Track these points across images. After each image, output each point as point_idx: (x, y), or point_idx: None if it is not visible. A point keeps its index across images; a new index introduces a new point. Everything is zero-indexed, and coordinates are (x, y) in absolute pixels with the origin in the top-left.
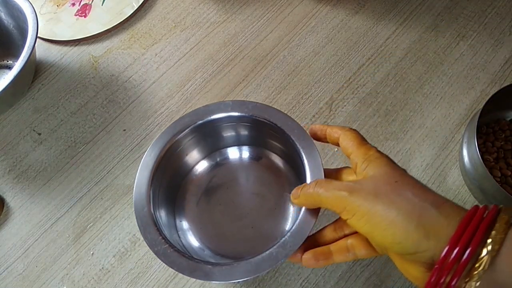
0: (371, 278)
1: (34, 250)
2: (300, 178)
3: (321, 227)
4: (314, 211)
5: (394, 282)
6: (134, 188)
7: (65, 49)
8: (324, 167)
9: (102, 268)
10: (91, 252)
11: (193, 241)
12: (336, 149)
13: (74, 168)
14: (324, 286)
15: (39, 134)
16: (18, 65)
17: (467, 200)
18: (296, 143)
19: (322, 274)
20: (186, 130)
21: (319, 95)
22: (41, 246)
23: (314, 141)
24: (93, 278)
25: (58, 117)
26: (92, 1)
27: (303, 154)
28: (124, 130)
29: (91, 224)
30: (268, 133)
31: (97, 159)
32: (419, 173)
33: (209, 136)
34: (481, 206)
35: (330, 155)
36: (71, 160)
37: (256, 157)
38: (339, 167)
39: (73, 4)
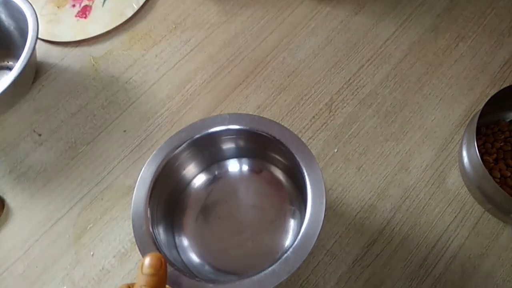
0: (371, 279)
1: (34, 251)
2: (300, 190)
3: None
4: (316, 226)
5: (394, 283)
6: (131, 207)
7: (65, 50)
8: (324, 171)
9: (102, 268)
10: (91, 253)
11: (193, 257)
12: (336, 149)
13: (74, 169)
14: (324, 286)
15: (40, 135)
16: (18, 66)
17: (467, 201)
18: (296, 156)
19: (322, 275)
20: (183, 145)
21: (319, 96)
22: (42, 246)
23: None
24: (93, 278)
25: (58, 118)
26: (92, 3)
27: (303, 167)
28: (125, 131)
29: (91, 224)
30: (267, 145)
31: (98, 160)
32: (419, 174)
33: (206, 150)
34: None
35: (330, 156)
36: (72, 161)
37: (255, 170)
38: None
39: (74, 6)
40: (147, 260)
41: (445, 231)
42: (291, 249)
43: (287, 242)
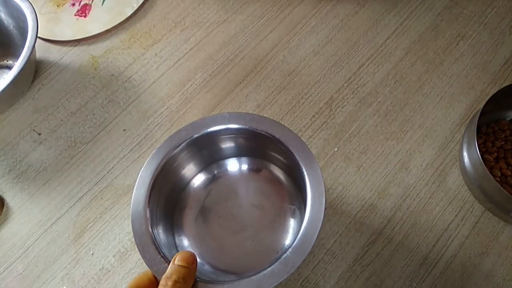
0: (371, 278)
1: (34, 250)
2: (300, 189)
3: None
4: (316, 226)
5: (394, 282)
6: (131, 206)
7: (65, 49)
8: (324, 170)
9: (102, 268)
10: (91, 252)
11: None
12: (336, 148)
13: (74, 168)
14: (324, 285)
15: (39, 134)
16: (18, 65)
17: (467, 200)
18: (296, 155)
19: (322, 274)
20: (183, 144)
21: (319, 95)
22: (41, 246)
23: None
24: (93, 278)
25: (58, 117)
26: (92, 1)
27: (302, 166)
28: (124, 130)
29: (91, 224)
30: (266, 144)
31: (97, 159)
32: (419, 173)
33: (206, 149)
34: None
35: (330, 155)
36: (71, 160)
37: (255, 169)
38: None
39: (73, 4)
40: (180, 254)
41: (445, 230)
42: (290, 249)
43: (287, 241)
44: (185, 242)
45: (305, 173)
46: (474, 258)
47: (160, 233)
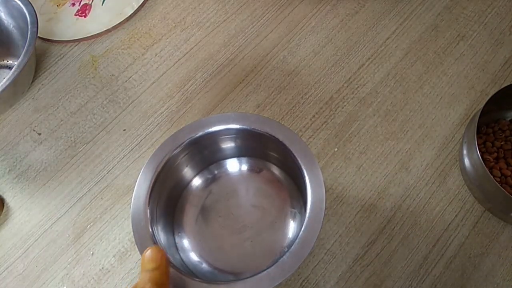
0: (371, 278)
1: (34, 250)
2: (301, 190)
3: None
4: (314, 231)
5: (394, 282)
6: (131, 205)
7: (65, 49)
8: (324, 170)
9: (102, 268)
10: (91, 252)
11: (192, 254)
12: (336, 148)
13: (74, 168)
14: (324, 286)
15: (39, 134)
16: (18, 65)
17: (467, 200)
18: (298, 159)
19: (322, 274)
20: (184, 144)
21: (319, 95)
22: (41, 246)
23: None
24: (93, 278)
25: (58, 117)
26: (92, 1)
27: (304, 170)
28: (124, 130)
29: (91, 224)
30: (267, 145)
31: (97, 159)
32: (419, 173)
33: (207, 149)
34: None
35: (330, 155)
36: (71, 160)
37: (256, 169)
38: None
39: (73, 4)
40: (147, 255)
41: (445, 230)
42: (287, 254)
43: (286, 243)
44: (185, 241)
45: (306, 178)
46: (474, 258)
47: (160, 232)
